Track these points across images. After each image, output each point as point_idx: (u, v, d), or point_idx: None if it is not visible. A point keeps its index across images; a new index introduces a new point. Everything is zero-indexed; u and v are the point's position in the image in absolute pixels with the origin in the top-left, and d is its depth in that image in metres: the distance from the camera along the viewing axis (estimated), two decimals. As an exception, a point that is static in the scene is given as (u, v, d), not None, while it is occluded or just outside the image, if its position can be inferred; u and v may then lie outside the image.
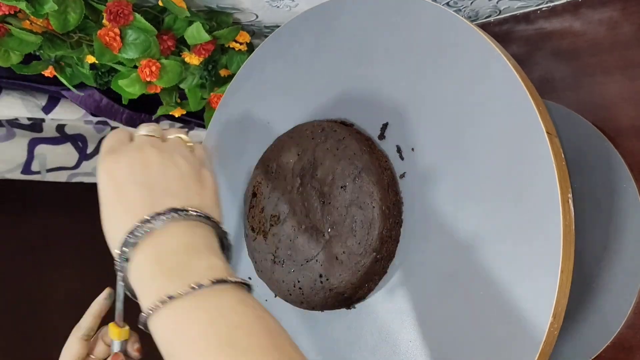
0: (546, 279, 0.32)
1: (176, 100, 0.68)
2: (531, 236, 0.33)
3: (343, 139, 0.42)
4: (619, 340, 0.53)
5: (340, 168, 0.41)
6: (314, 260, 0.41)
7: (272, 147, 0.48)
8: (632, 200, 0.52)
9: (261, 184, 0.47)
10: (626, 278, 0.52)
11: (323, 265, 0.41)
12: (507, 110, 0.36)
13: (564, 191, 0.33)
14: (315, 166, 0.43)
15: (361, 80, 0.45)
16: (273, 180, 0.46)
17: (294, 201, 0.43)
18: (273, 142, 0.49)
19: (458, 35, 0.39)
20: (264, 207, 0.46)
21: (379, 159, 0.41)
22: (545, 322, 0.32)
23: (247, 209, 0.48)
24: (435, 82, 0.40)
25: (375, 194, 0.39)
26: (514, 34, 0.61)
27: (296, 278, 0.43)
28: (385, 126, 0.42)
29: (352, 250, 0.39)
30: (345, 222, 0.40)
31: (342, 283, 0.40)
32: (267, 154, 0.48)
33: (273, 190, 0.45)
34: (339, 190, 0.41)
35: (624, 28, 0.53)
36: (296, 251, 0.43)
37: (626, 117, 0.53)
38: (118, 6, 0.52)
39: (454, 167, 0.38)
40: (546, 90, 0.58)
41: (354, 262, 0.39)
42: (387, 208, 0.39)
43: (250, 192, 0.48)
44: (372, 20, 0.45)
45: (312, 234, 0.42)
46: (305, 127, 0.46)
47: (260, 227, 0.46)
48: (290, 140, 0.46)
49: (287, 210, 0.44)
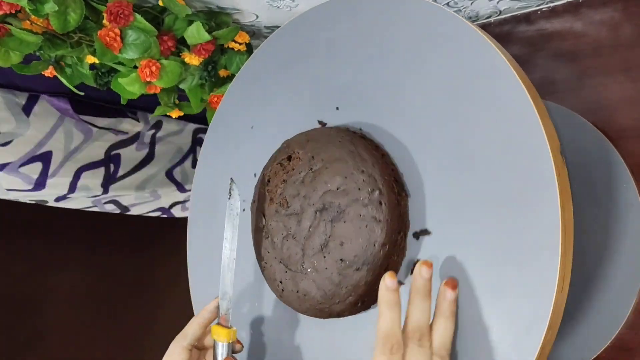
0: (546, 280, 0.32)
1: (174, 101, 0.68)
2: (531, 237, 0.33)
3: (370, 175, 0.41)
4: (619, 341, 0.53)
5: (355, 207, 0.40)
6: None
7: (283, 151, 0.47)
8: (632, 200, 0.52)
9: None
10: (626, 278, 0.52)
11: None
12: (507, 113, 0.36)
13: (563, 191, 0.33)
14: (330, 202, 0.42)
15: (361, 82, 0.45)
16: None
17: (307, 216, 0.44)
18: (281, 148, 0.48)
19: (458, 35, 0.39)
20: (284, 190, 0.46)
21: (388, 173, 0.41)
22: (543, 322, 0.32)
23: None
24: (435, 82, 0.40)
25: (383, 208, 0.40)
26: (514, 34, 0.61)
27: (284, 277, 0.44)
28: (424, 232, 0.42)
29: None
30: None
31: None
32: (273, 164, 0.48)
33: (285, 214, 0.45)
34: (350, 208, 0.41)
35: (624, 29, 0.53)
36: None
37: (627, 118, 0.53)
38: (118, 6, 0.52)
39: (453, 172, 0.38)
40: (547, 91, 0.58)
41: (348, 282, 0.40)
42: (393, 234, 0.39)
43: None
44: (372, 21, 0.45)
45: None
46: (331, 140, 0.44)
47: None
48: (309, 151, 0.45)
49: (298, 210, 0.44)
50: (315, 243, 0.42)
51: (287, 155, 0.46)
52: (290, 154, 0.46)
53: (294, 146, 0.46)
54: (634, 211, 0.52)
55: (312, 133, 0.45)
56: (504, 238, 0.35)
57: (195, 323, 0.45)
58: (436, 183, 0.39)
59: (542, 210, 0.33)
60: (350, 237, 0.40)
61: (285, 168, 0.46)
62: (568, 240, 0.33)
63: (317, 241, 0.42)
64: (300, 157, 0.45)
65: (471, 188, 0.37)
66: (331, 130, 0.44)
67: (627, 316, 0.52)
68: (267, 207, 0.46)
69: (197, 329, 0.45)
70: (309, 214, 0.43)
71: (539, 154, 0.34)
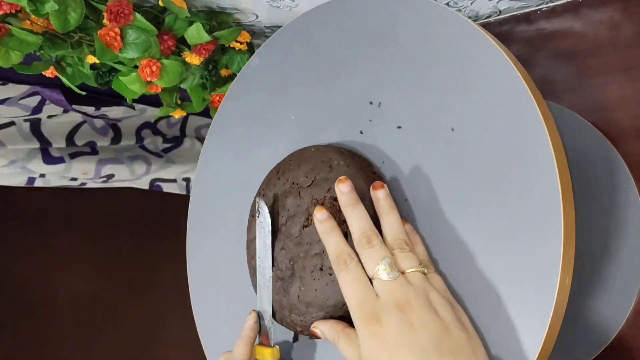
0: (546, 280, 0.32)
1: (176, 101, 0.68)
2: (531, 237, 0.33)
3: (330, 159, 0.41)
4: (619, 341, 0.53)
5: (334, 188, 0.40)
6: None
7: (260, 189, 0.47)
8: (632, 200, 0.52)
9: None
10: (626, 278, 0.52)
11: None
12: (509, 111, 0.36)
13: (565, 191, 0.33)
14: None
15: (361, 82, 0.45)
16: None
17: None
18: (260, 186, 0.47)
19: (459, 35, 0.39)
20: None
21: (370, 174, 0.41)
22: (544, 323, 0.32)
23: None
24: (436, 82, 0.40)
25: (369, 207, 0.39)
26: (514, 34, 0.61)
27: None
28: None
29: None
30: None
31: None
32: (270, 184, 0.46)
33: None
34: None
35: (624, 28, 0.53)
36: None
37: (627, 118, 0.53)
38: (118, 6, 0.52)
39: (453, 172, 0.38)
40: (547, 91, 0.58)
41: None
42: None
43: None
44: (372, 20, 0.45)
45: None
46: (288, 158, 0.44)
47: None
48: (276, 176, 0.45)
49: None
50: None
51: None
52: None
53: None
54: (634, 211, 0.52)
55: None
56: (505, 237, 0.35)
57: (242, 345, 0.44)
58: (435, 184, 0.39)
59: (543, 211, 0.33)
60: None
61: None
62: (569, 239, 0.33)
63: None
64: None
65: (471, 188, 0.37)
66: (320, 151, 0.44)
67: (627, 316, 0.52)
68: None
69: (245, 351, 0.43)
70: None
71: (540, 151, 0.34)
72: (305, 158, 0.44)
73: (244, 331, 0.44)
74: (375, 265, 0.35)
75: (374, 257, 0.36)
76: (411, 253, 0.36)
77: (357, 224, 0.37)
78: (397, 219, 0.37)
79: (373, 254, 0.36)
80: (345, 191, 0.38)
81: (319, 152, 0.43)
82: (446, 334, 0.33)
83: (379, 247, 0.36)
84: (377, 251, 0.36)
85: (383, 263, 0.35)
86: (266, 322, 0.44)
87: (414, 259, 0.36)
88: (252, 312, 0.44)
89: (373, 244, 0.36)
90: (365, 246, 0.36)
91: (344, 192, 0.38)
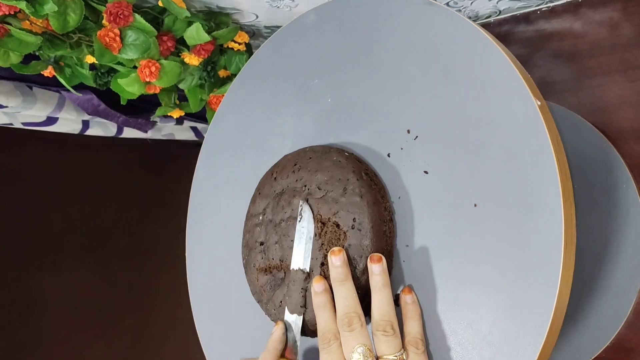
0: (546, 280, 0.32)
1: (175, 101, 0.68)
2: (532, 237, 0.33)
3: (347, 180, 0.41)
4: (619, 341, 0.53)
5: (341, 214, 0.40)
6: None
7: (273, 171, 0.47)
8: (632, 201, 0.52)
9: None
10: (626, 278, 0.53)
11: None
12: (510, 113, 0.36)
13: (565, 191, 0.33)
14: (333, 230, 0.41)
15: (361, 82, 0.45)
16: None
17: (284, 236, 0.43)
18: (273, 167, 0.47)
19: (459, 35, 0.39)
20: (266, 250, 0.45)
21: (380, 210, 0.40)
22: (545, 323, 0.32)
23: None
24: (436, 82, 0.40)
25: (369, 247, 0.39)
26: (514, 34, 0.61)
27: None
28: (389, 154, 0.42)
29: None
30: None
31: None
32: (265, 181, 0.47)
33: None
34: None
35: (624, 29, 0.53)
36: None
37: (626, 119, 0.53)
38: (118, 7, 0.52)
39: (452, 172, 0.38)
40: (546, 92, 0.58)
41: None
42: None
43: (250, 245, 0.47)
44: (372, 21, 0.45)
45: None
46: (309, 155, 0.44)
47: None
48: (292, 168, 0.45)
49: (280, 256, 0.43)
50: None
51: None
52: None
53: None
54: (634, 211, 0.52)
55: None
56: (505, 237, 0.35)
57: (269, 356, 0.42)
58: (435, 185, 0.39)
59: (542, 210, 0.33)
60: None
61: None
62: (570, 240, 0.33)
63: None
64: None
65: (471, 187, 0.37)
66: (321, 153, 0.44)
67: (627, 316, 0.52)
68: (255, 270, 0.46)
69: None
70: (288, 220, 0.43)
71: (541, 152, 0.34)
72: (324, 166, 0.42)
73: (270, 343, 0.42)
74: (350, 352, 0.36)
75: (351, 342, 0.36)
76: (393, 337, 0.36)
77: (342, 302, 0.37)
78: (388, 297, 0.37)
79: (351, 338, 0.36)
80: (337, 264, 0.38)
81: (339, 166, 0.42)
82: None
83: (358, 332, 0.36)
84: (356, 336, 0.36)
85: (358, 351, 0.35)
86: (292, 334, 0.42)
87: (394, 344, 0.36)
88: (279, 322, 0.43)
89: (353, 328, 0.36)
90: (345, 328, 0.36)
91: (335, 265, 0.38)
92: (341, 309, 0.37)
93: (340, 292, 0.38)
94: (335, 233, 0.40)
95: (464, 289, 0.36)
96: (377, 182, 0.42)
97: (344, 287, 0.38)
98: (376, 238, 0.39)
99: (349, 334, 0.36)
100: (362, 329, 0.36)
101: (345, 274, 0.38)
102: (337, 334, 0.37)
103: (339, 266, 0.38)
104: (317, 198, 0.41)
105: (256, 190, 0.48)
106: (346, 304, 0.37)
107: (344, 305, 0.37)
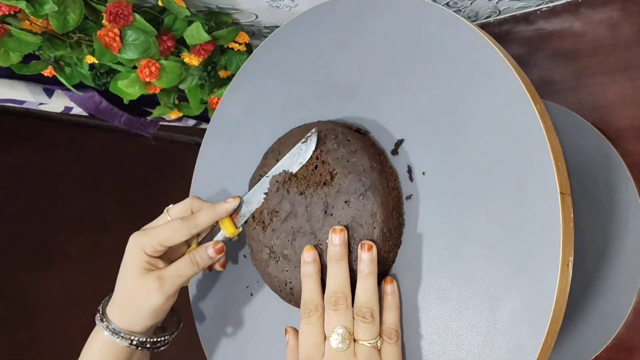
0: (546, 280, 0.32)
1: (174, 101, 0.68)
2: (530, 237, 0.33)
3: (355, 151, 0.41)
4: (619, 341, 0.53)
5: (347, 182, 0.40)
6: None
7: (283, 139, 0.47)
8: (632, 200, 0.52)
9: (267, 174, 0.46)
10: (626, 278, 0.52)
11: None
12: (507, 114, 0.36)
13: (564, 191, 0.33)
14: (324, 173, 0.42)
15: (361, 82, 0.45)
16: (280, 175, 0.45)
17: (298, 203, 0.43)
18: (285, 135, 0.47)
19: (458, 35, 0.39)
20: (268, 199, 0.45)
21: (388, 178, 0.40)
22: (544, 322, 0.32)
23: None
24: (434, 83, 0.40)
25: (378, 215, 0.38)
26: (513, 34, 0.61)
27: (288, 278, 0.42)
28: (400, 142, 0.42)
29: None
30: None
31: None
32: (277, 146, 0.47)
33: (279, 185, 0.45)
34: (342, 205, 0.40)
35: (624, 28, 0.53)
36: (292, 252, 0.42)
37: (626, 118, 0.53)
38: (118, 7, 0.52)
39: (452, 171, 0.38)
40: (546, 91, 0.58)
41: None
42: (388, 230, 0.39)
43: (257, 179, 0.47)
44: (372, 21, 0.45)
45: (311, 239, 0.41)
46: (320, 127, 0.44)
47: (260, 217, 0.45)
48: (302, 137, 0.44)
49: (289, 210, 0.43)
50: (317, 214, 0.41)
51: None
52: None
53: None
54: (634, 211, 0.52)
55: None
56: (504, 235, 0.35)
57: (212, 213, 0.44)
58: (434, 182, 0.39)
59: (541, 210, 0.33)
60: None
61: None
62: (568, 239, 0.33)
63: (317, 211, 0.41)
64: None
65: (470, 187, 0.37)
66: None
67: (627, 316, 0.52)
68: (260, 233, 0.46)
69: (209, 220, 0.44)
70: (300, 206, 0.43)
71: (538, 153, 0.34)
72: (346, 152, 0.41)
73: (219, 207, 0.44)
74: (331, 330, 0.37)
75: (333, 321, 0.37)
76: (371, 325, 0.37)
77: (333, 280, 0.38)
78: (372, 286, 0.38)
79: (334, 317, 0.37)
80: (336, 243, 0.39)
81: (363, 159, 0.41)
82: None
83: (342, 313, 0.37)
84: (339, 317, 0.37)
85: (337, 332, 0.36)
86: (246, 209, 0.45)
87: (372, 331, 0.36)
88: (237, 197, 0.46)
89: (338, 308, 0.37)
90: (331, 306, 0.37)
91: (334, 243, 0.39)
92: (331, 287, 0.38)
93: (333, 270, 0.38)
94: (322, 176, 0.41)
95: (464, 289, 0.36)
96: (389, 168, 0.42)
97: (338, 265, 0.38)
98: (383, 237, 0.39)
99: (334, 312, 0.37)
100: (347, 310, 0.37)
101: (342, 254, 0.38)
102: (318, 306, 0.38)
103: (337, 245, 0.39)
104: (333, 174, 0.42)
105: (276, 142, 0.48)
106: (337, 283, 0.38)
107: (334, 284, 0.38)
